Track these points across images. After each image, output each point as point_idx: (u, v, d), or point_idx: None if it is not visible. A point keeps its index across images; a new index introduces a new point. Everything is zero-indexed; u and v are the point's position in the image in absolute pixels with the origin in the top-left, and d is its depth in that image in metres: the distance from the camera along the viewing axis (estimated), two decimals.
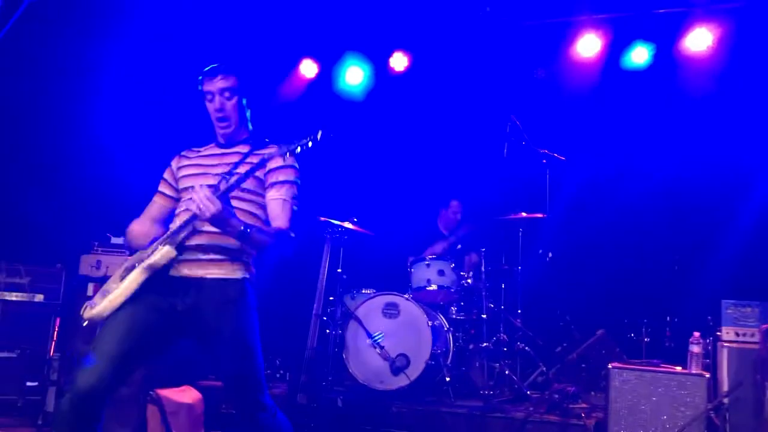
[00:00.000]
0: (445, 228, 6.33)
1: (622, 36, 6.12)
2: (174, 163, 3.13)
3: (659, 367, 4.12)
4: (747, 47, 5.69)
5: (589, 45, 6.17)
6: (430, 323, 5.02)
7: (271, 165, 2.88)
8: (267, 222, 2.86)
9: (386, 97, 6.86)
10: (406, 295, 5.24)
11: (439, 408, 4.64)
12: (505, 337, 5.44)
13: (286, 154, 2.68)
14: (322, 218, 5.14)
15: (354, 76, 6.91)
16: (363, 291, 5.50)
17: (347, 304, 5.34)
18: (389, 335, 5.07)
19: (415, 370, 4.94)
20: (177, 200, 3.05)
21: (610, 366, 4.16)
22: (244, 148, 2.98)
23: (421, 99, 6.75)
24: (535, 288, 5.79)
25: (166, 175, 3.15)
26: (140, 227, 2.91)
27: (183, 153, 3.16)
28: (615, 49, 6.17)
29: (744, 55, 5.72)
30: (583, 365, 5.41)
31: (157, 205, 3.11)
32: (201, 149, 3.14)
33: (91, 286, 4.82)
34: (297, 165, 2.97)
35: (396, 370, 4.95)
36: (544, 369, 5.41)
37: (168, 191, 3.11)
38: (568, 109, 6.32)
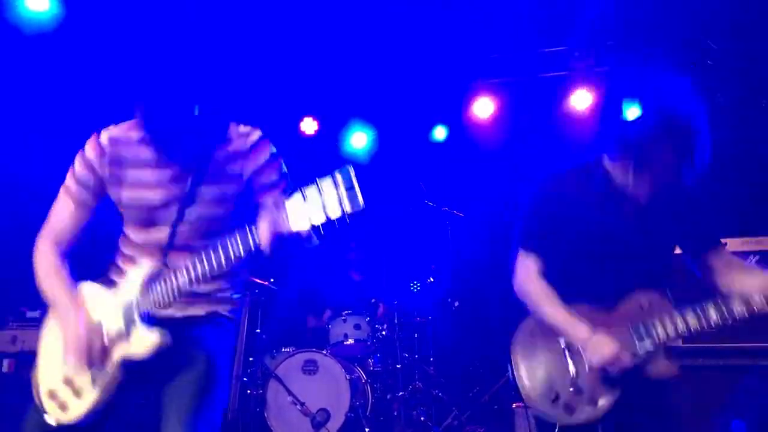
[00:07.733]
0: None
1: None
2: (93, 154, 2.14)
3: None
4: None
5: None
6: (348, 377, 5.24)
7: (260, 158, 2.16)
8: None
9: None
10: (324, 351, 5.45)
11: None
12: (420, 384, 5.71)
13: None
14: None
15: None
16: (283, 349, 5.66)
17: (267, 363, 5.49)
18: (310, 392, 5.25)
19: (335, 424, 5.12)
20: (94, 210, 2.19)
21: (514, 406, 4.50)
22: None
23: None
24: (446, 336, 6.11)
25: (82, 169, 2.14)
26: (48, 261, 2.14)
27: (103, 140, 2.15)
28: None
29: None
30: (495, 407, 5.75)
31: (74, 215, 2.15)
32: (128, 131, 2.17)
33: (6, 362, 4.79)
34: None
35: (317, 425, 5.11)
36: (458, 413, 5.70)
37: (89, 197, 2.16)
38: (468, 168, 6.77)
